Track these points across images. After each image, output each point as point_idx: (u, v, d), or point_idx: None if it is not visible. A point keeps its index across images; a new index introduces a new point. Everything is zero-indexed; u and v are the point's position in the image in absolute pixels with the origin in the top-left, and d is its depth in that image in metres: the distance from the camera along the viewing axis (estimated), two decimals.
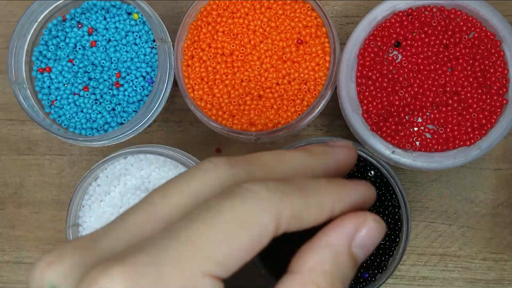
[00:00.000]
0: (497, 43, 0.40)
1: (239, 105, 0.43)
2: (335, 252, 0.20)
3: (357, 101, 0.41)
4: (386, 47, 0.41)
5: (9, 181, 0.50)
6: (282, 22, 0.43)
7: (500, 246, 0.46)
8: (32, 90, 0.45)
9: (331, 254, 0.20)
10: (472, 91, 0.40)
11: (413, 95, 0.40)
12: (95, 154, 0.49)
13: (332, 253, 0.20)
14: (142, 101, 0.44)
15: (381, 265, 0.43)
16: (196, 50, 0.43)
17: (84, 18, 0.45)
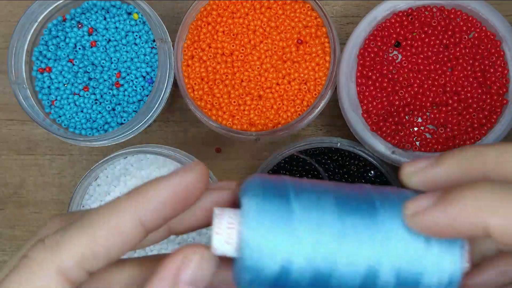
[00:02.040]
0: (497, 43, 0.40)
1: (239, 105, 0.43)
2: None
3: (357, 101, 0.41)
4: (386, 47, 0.41)
5: (9, 181, 0.50)
6: (282, 22, 0.43)
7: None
8: (32, 90, 0.45)
9: None
10: (472, 91, 0.40)
11: (413, 95, 0.40)
12: (95, 154, 0.49)
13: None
14: (142, 101, 0.44)
15: None
16: (196, 50, 0.43)
17: (84, 18, 0.45)
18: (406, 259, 0.20)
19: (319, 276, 0.20)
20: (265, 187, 0.21)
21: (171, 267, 0.22)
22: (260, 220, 0.20)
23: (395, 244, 0.20)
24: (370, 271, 0.20)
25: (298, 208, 0.20)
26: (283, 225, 0.20)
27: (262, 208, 0.20)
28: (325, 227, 0.20)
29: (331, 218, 0.20)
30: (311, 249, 0.20)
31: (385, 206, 0.21)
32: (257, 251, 0.20)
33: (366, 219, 0.21)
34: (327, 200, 0.21)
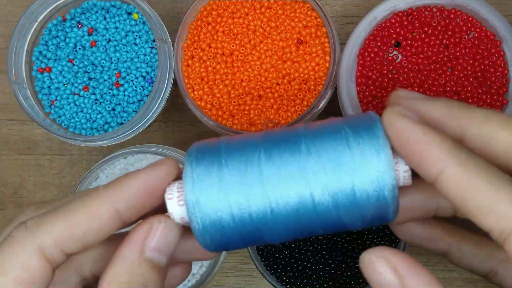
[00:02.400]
0: (497, 43, 0.40)
1: (239, 105, 0.43)
2: (128, 263, 0.23)
3: (357, 101, 0.41)
4: (386, 47, 0.41)
5: (9, 181, 0.50)
6: (282, 22, 0.43)
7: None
8: (32, 90, 0.45)
9: (124, 265, 0.23)
10: (472, 91, 0.40)
11: None
12: (95, 154, 0.49)
13: (125, 265, 0.23)
14: (142, 101, 0.44)
15: None
16: (196, 50, 0.43)
17: (84, 18, 0.45)
18: (336, 180, 0.22)
19: (259, 216, 0.22)
20: (198, 149, 0.24)
21: (138, 236, 0.24)
22: (195, 177, 0.23)
23: (323, 168, 0.22)
24: (304, 198, 0.22)
25: (226, 160, 0.23)
26: (214, 178, 0.23)
27: (195, 166, 0.23)
28: (251, 171, 0.22)
29: (256, 162, 0.23)
30: (242, 195, 0.22)
31: (308, 138, 0.23)
32: (196, 204, 0.22)
33: (292, 154, 0.23)
34: (254, 145, 0.23)
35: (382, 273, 0.21)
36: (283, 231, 0.23)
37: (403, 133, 0.22)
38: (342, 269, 0.43)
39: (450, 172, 0.21)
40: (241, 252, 0.48)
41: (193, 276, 0.44)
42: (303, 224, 0.23)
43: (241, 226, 0.23)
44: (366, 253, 0.22)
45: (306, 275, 0.43)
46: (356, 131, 0.23)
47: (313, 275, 0.43)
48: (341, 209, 0.22)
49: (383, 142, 0.22)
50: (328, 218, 0.23)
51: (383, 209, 0.23)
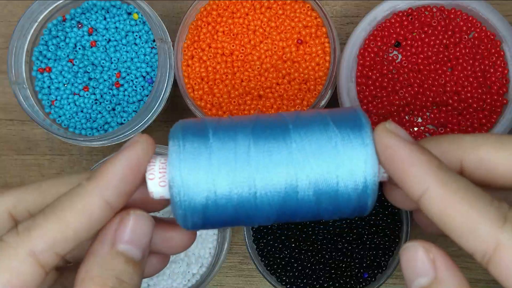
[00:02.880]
0: (497, 43, 0.40)
1: (239, 105, 0.43)
2: (99, 257, 0.23)
3: (357, 101, 0.41)
4: (386, 47, 0.41)
5: (9, 181, 0.50)
6: (282, 22, 0.43)
7: None
8: (32, 90, 0.45)
9: (96, 260, 0.23)
10: (472, 91, 0.40)
11: (413, 95, 0.40)
12: (95, 154, 0.49)
13: (96, 259, 0.23)
14: (142, 101, 0.44)
15: (381, 265, 0.43)
16: (196, 50, 0.43)
17: (84, 18, 0.45)
18: (321, 172, 0.23)
19: (243, 200, 0.23)
20: (184, 129, 0.24)
21: (108, 230, 0.23)
22: (182, 158, 0.23)
23: (309, 160, 0.23)
24: (289, 187, 0.23)
25: (215, 144, 0.23)
26: (202, 161, 0.22)
27: (182, 148, 0.23)
28: (240, 156, 0.23)
29: (246, 148, 0.23)
30: (229, 179, 0.22)
31: (298, 128, 0.23)
32: (181, 186, 0.22)
33: (280, 143, 0.23)
34: (243, 131, 0.23)
35: (420, 261, 0.22)
36: (265, 216, 0.24)
37: (390, 151, 0.22)
38: (342, 269, 0.43)
39: (433, 193, 0.21)
40: (241, 252, 0.48)
41: (193, 276, 0.44)
42: (286, 211, 0.23)
43: (224, 209, 0.23)
44: (409, 241, 0.22)
45: (306, 275, 0.43)
46: (342, 125, 0.23)
47: (313, 275, 0.43)
48: (323, 198, 0.23)
49: (367, 137, 0.23)
50: (309, 206, 0.23)
51: (362, 202, 0.23)
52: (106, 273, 0.23)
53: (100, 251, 0.23)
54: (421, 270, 0.22)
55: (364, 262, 0.43)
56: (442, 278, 0.21)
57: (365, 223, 0.43)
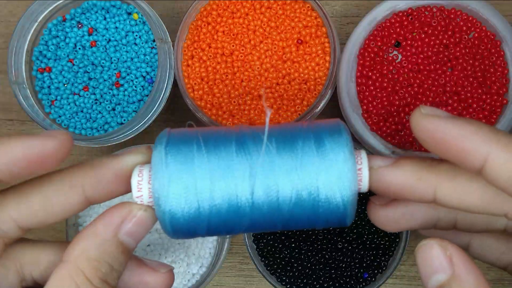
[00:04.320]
0: (497, 43, 0.40)
1: (239, 105, 0.43)
2: (101, 240, 0.23)
3: (357, 101, 0.41)
4: (386, 47, 0.41)
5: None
6: (282, 22, 0.43)
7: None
8: (32, 90, 0.45)
9: (96, 242, 0.23)
10: (472, 91, 0.40)
11: (413, 95, 0.40)
12: (95, 154, 0.49)
13: (97, 241, 0.23)
14: (142, 101, 0.44)
15: (381, 265, 0.43)
16: (196, 50, 0.43)
17: (84, 18, 0.45)
18: (302, 182, 0.23)
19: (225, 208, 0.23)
20: (171, 140, 0.24)
21: (115, 217, 0.24)
22: (164, 170, 0.23)
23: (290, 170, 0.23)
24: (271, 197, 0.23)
25: (199, 154, 0.23)
26: (186, 170, 0.23)
27: (167, 160, 0.23)
28: (223, 167, 0.23)
29: (228, 159, 0.23)
30: (213, 191, 0.23)
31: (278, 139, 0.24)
32: (164, 197, 0.23)
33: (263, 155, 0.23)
34: (227, 142, 0.24)
35: (437, 258, 0.22)
36: (248, 225, 0.24)
37: (438, 134, 0.22)
38: (342, 269, 0.43)
39: (496, 159, 0.21)
40: (241, 252, 0.48)
41: (193, 276, 0.44)
42: (268, 219, 0.24)
43: (206, 216, 0.23)
44: (425, 239, 0.22)
45: (306, 275, 0.43)
46: (324, 137, 0.24)
47: (313, 275, 0.43)
48: (302, 208, 0.23)
49: (348, 149, 0.23)
50: (290, 216, 0.24)
51: (341, 213, 0.24)
52: (102, 257, 0.23)
53: (103, 234, 0.23)
54: (438, 267, 0.22)
55: (364, 262, 0.43)
56: (459, 274, 0.21)
57: (365, 223, 0.43)
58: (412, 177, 0.24)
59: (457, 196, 0.23)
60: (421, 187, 0.24)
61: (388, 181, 0.24)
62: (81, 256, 0.23)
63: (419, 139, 0.23)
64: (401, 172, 0.24)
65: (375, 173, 0.24)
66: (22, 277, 0.26)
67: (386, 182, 0.24)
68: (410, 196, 0.24)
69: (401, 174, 0.24)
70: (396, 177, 0.24)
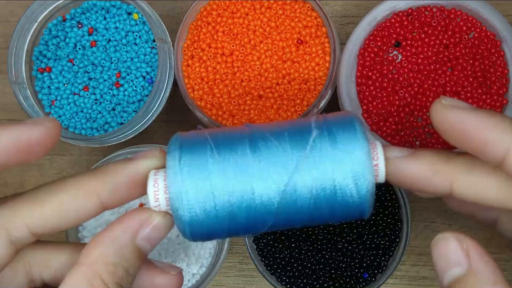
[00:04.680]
0: (497, 43, 0.40)
1: (239, 105, 0.43)
2: (119, 245, 0.23)
3: (357, 101, 0.41)
4: (386, 47, 0.41)
5: (9, 181, 0.50)
6: (282, 22, 0.43)
7: (500, 246, 0.46)
8: (32, 90, 0.45)
9: (114, 246, 0.23)
10: (472, 91, 0.40)
11: (413, 95, 0.40)
12: (95, 154, 0.49)
13: (115, 246, 0.23)
14: (142, 101, 0.44)
15: (381, 265, 0.43)
16: (196, 50, 0.43)
17: (84, 18, 0.45)
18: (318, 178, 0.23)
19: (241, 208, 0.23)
20: (184, 143, 0.24)
21: (134, 222, 0.24)
22: (179, 178, 0.23)
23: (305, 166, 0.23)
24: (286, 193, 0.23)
25: (212, 156, 0.23)
26: (202, 175, 0.23)
27: (179, 167, 0.23)
28: (237, 167, 0.23)
29: (243, 158, 0.23)
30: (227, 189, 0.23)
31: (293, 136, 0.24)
32: (181, 205, 0.23)
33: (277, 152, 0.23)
34: (240, 142, 0.24)
35: (453, 252, 0.22)
36: (264, 223, 0.24)
37: (460, 126, 0.22)
38: (342, 269, 0.43)
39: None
40: (241, 252, 0.48)
41: (193, 276, 0.44)
42: (287, 218, 0.24)
43: (225, 219, 0.23)
44: (441, 233, 0.22)
45: (306, 275, 0.43)
46: (335, 131, 0.24)
47: (313, 275, 0.43)
48: (321, 202, 0.23)
49: (361, 140, 0.23)
50: (308, 213, 0.24)
51: (359, 205, 0.23)
52: (119, 262, 0.23)
53: (121, 239, 0.23)
54: (455, 261, 0.22)
55: (364, 262, 0.43)
56: (476, 268, 0.21)
57: (365, 223, 0.43)
58: (429, 169, 0.24)
59: (474, 189, 0.23)
60: (438, 180, 0.24)
61: (405, 172, 0.24)
62: (99, 260, 0.23)
63: (439, 130, 0.23)
64: (418, 163, 0.24)
65: (391, 164, 0.24)
66: (31, 278, 0.26)
67: (403, 173, 0.24)
68: (426, 188, 0.24)
69: (418, 165, 0.24)
70: (413, 168, 0.24)
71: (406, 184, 0.24)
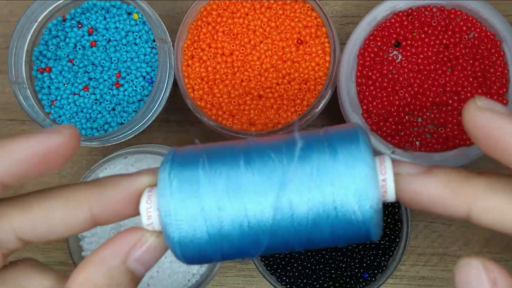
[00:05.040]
0: (497, 43, 0.40)
1: (239, 105, 0.43)
2: (108, 267, 0.22)
3: (357, 101, 0.41)
4: (386, 47, 0.41)
5: None
6: (282, 22, 0.43)
7: (499, 246, 0.46)
8: (32, 90, 0.45)
9: (103, 269, 0.21)
10: (472, 91, 0.40)
11: (413, 95, 0.40)
12: (95, 154, 0.49)
13: (104, 269, 0.21)
14: (142, 101, 0.44)
15: (381, 265, 0.43)
16: (196, 50, 0.43)
17: (84, 18, 0.45)
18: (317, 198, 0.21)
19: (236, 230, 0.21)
20: (176, 160, 0.23)
21: (125, 243, 0.22)
22: (169, 197, 0.21)
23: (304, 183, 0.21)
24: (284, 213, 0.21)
25: (204, 174, 0.22)
26: (192, 192, 0.21)
27: (168, 182, 0.22)
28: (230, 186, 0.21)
29: (236, 178, 0.22)
30: (220, 210, 0.21)
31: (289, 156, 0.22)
32: (170, 225, 0.21)
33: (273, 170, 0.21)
34: (236, 160, 0.22)
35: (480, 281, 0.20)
36: (260, 245, 0.22)
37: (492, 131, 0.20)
38: (342, 269, 0.43)
39: None
40: None
41: (193, 276, 0.44)
42: (284, 240, 0.22)
43: (216, 237, 0.22)
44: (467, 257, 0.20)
45: (306, 275, 0.43)
46: (338, 146, 0.22)
47: (313, 275, 0.43)
48: (321, 219, 0.21)
49: (365, 152, 0.21)
50: (307, 236, 0.22)
51: (364, 223, 0.21)
52: (109, 285, 0.22)
53: (110, 261, 0.22)
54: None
55: (364, 262, 0.43)
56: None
57: None
58: (446, 189, 0.21)
59: (495, 214, 0.21)
60: (455, 201, 0.21)
61: (419, 191, 0.22)
62: (86, 283, 0.21)
63: (469, 133, 0.21)
64: (434, 181, 0.22)
65: (403, 180, 0.22)
66: None
67: (416, 191, 0.22)
68: (441, 210, 0.22)
69: (434, 184, 0.22)
70: (428, 187, 0.22)
71: (419, 204, 0.22)
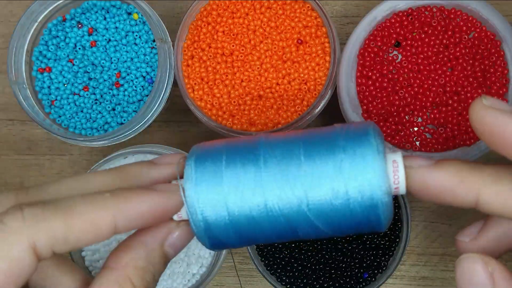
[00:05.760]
0: (497, 43, 0.40)
1: (239, 105, 0.43)
2: (148, 250, 0.24)
3: (357, 101, 0.41)
4: (386, 47, 0.41)
5: (9, 181, 0.50)
6: (282, 22, 0.43)
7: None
8: (32, 90, 0.45)
9: (144, 252, 0.23)
10: (472, 91, 0.40)
11: (413, 95, 0.40)
12: (95, 154, 0.49)
13: (145, 251, 0.23)
14: (142, 101, 0.44)
15: (381, 265, 0.43)
16: (196, 50, 0.43)
17: (84, 18, 0.45)
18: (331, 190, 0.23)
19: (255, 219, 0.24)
20: (200, 153, 0.25)
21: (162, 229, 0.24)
22: (194, 183, 0.24)
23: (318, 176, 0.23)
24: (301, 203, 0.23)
25: (227, 167, 0.24)
26: (216, 183, 0.24)
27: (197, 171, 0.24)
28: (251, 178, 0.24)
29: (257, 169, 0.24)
30: (242, 199, 0.23)
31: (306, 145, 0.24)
32: (194, 208, 0.24)
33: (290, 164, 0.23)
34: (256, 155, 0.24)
35: (478, 273, 0.21)
36: (278, 233, 0.24)
37: (497, 128, 0.21)
38: (342, 269, 0.43)
39: None
40: (241, 252, 0.48)
41: (193, 276, 0.44)
42: (297, 229, 0.24)
43: (238, 227, 0.24)
44: (466, 253, 0.22)
45: (306, 275, 0.43)
46: (349, 143, 0.23)
47: (313, 275, 0.43)
48: (334, 215, 0.23)
49: (375, 145, 0.23)
50: (322, 224, 0.23)
51: (373, 218, 0.23)
52: (148, 267, 0.23)
53: (151, 244, 0.24)
54: (478, 284, 0.21)
55: (364, 262, 0.43)
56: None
57: None
58: (454, 179, 0.23)
59: (502, 201, 0.22)
60: (463, 190, 0.23)
61: (429, 182, 0.23)
62: (130, 264, 0.23)
63: (476, 130, 0.22)
64: (443, 173, 0.23)
65: (414, 173, 0.24)
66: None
67: (427, 183, 0.23)
68: (451, 199, 0.23)
69: (444, 175, 0.23)
70: (438, 178, 0.23)
71: (430, 195, 0.24)
